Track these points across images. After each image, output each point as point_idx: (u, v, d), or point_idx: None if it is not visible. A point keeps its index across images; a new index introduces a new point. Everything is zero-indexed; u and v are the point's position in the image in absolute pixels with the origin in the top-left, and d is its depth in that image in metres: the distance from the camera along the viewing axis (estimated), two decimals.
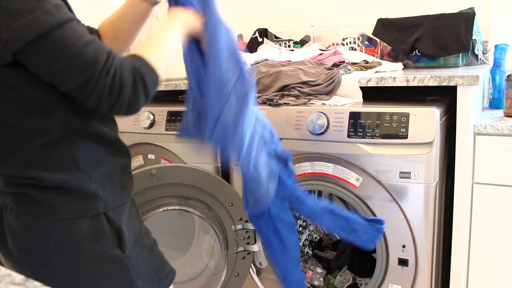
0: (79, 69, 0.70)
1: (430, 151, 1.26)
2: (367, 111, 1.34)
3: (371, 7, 2.08)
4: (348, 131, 1.35)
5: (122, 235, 0.83)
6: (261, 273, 1.63)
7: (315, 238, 1.96)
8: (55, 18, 0.70)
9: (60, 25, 0.70)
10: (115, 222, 0.83)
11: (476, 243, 1.41)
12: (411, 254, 1.34)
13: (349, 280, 1.62)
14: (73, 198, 0.80)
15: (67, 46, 0.70)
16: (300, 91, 1.49)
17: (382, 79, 1.40)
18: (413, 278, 1.35)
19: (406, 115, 1.29)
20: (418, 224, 1.31)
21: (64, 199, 0.79)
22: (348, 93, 1.46)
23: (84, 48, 0.70)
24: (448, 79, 1.30)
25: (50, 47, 0.69)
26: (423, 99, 1.45)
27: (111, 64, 0.71)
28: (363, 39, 1.95)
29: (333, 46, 1.96)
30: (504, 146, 1.34)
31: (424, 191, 1.29)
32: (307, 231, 1.93)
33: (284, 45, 2.06)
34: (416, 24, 1.71)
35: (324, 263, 1.76)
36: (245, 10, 2.40)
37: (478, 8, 1.74)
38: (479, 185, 1.38)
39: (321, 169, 1.41)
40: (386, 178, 1.32)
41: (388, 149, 1.31)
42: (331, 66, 1.55)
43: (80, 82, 0.70)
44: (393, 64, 1.69)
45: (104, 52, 0.72)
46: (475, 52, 1.73)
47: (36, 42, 0.69)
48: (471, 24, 1.63)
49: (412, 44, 1.71)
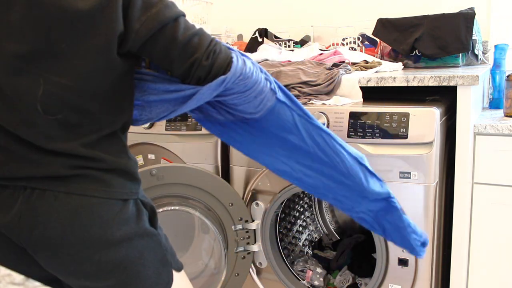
0: (186, 56, 0.83)
1: (430, 151, 1.26)
2: (367, 111, 1.34)
3: (371, 7, 2.08)
4: (348, 131, 1.35)
5: (154, 214, 0.95)
6: (261, 273, 1.63)
7: (315, 238, 1.96)
8: (173, 12, 0.81)
9: (175, 19, 0.82)
10: (147, 203, 0.94)
11: (476, 243, 1.41)
12: (411, 254, 1.34)
13: (349, 280, 1.62)
14: (127, 181, 0.89)
15: (179, 37, 0.81)
16: (300, 91, 1.48)
17: (382, 79, 1.40)
18: (413, 278, 1.35)
19: (406, 115, 1.29)
20: (418, 224, 1.31)
21: (121, 181, 0.87)
22: (348, 93, 1.46)
23: (192, 37, 0.83)
24: (448, 79, 1.30)
25: (167, 38, 0.81)
26: (423, 99, 1.45)
27: (211, 50, 0.84)
28: (363, 39, 1.95)
29: (333, 46, 1.96)
30: (504, 146, 1.34)
31: (424, 191, 1.29)
32: (307, 231, 1.93)
33: (284, 45, 2.06)
34: (416, 24, 1.71)
35: (324, 263, 1.76)
36: (245, 10, 2.40)
37: (478, 8, 1.74)
38: (479, 185, 1.38)
39: None
40: (386, 178, 1.32)
41: (388, 149, 1.31)
42: (331, 66, 1.55)
43: (186, 67, 0.84)
44: (393, 64, 1.69)
45: (208, 40, 0.85)
46: (475, 52, 1.73)
47: (158, 32, 0.80)
48: (471, 24, 1.63)
49: (412, 44, 1.71)
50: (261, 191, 1.54)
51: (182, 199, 1.44)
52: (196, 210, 1.43)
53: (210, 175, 1.48)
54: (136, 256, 0.88)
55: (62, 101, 0.80)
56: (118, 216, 0.86)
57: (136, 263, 0.88)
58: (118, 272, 0.86)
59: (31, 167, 0.82)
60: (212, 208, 1.47)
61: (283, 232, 1.76)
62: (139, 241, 0.89)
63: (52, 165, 0.82)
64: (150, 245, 0.91)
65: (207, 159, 1.64)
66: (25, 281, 0.42)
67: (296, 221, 1.86)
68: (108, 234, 0.84)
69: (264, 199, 1.54)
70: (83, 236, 0.83)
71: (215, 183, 1.47)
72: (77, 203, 0.83)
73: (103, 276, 0.86)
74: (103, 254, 0.85)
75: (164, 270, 0.94)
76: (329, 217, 2.00)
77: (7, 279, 0.42)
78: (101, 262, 0.85)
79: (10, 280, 0.42)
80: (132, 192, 0.89)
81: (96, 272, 0.85)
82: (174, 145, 1.70)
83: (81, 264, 0.84)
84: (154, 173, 1.35)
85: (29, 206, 0.81)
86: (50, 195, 0.82)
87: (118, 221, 0.86)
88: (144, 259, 0.89)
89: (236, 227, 1.51)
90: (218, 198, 1.46)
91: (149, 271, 0.90)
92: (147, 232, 0.91)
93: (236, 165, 1.58)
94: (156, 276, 0.92)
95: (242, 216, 1.52)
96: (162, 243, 0.94)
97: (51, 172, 0.82)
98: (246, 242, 1.54)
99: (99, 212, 0.84)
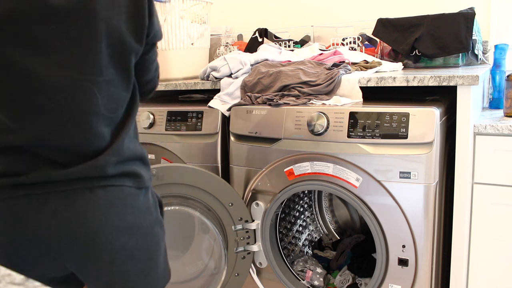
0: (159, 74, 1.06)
1: (430, 151, 1.27)
2: (367, 111, 1.34)
3: (371, 7, 2.08)
4: (348, 131, 1.35)
5: (161, 203, 1.02)
6: (261, 273, 1.63)
7: (315, 238, 1.96)
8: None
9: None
10: (156, 193, 1.01)
11: (476, 243, 1.41)
12: (411, 254, 1.34)
13: (349, 280, 1.62)
14: (147, 167, 0.96)
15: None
16: (300, 91, 1.49)
17: (382, 79, 1.40)
18: (413, 278, 1.35)
19: (406, 115, 1.29)
20: (418, 224, 1.31)
21: (144, 168, 0.94)
22: (348, 93, 1.46)
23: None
24: (448, 79, 1.30)
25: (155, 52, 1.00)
26: (423, 99, 1.45)
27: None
28: (363, 39, 1.95)
29: (333, 46, 1.96)
30: (504, 146, 1.34)
31: (424, 191, 1.29)
32: (307, 231, 1.93)
33: (284, 45, 2.06)
34: (416, 24, 1.71)
35: (324, 263, 1.76)
36: (245, 10, 2.40)
37: (478, 8, 1.74)
38: (479, 185, 1.38)
39: (321, 169, 1.41)
40: (386, 178, 1.32)
41: (388, 149, 1.31)
42: (331, 66, 1.55)
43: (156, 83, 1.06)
44: (393, 64, 1.69)
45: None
46: (475, 52, 1.73)
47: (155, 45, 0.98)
48: (471, 24, 1.63)
49: (412, 44, 1.70)
50: (261, 191, 1.54)
51: (182, 199, 1.44)
52: (196, 210, 1.43)
53: (210, 175, 1.48)
54: (155, 244, 0.95)
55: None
56: (144, 205, 0.92)
57: (155, 250, 0.95)
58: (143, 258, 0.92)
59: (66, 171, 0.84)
60: (212, 208, 1.47)
61: (283, 232, 1.76)
62: (157, 229, 0.96)
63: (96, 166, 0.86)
64: (162, 234, 0.98)
65: (207, 159, 1.64)
66: (25, 281, 0.42)
67: (296, 221, 1.86)
68: (138, 222, 0.90)
69: (264, 199, 1.54)
70: (119, 225, 0.88)
71: (215, 183, 1.47)
72: (113, 195, 0.88)
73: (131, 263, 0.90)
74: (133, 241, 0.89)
75: (166, 259, 1.01)
76: (329, 217, 2.00)
77: (7, 279, 0.42)
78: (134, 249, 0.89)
79: (10, 280, 0.42)
80: (150, 178, 0.96)
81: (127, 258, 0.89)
82: (174, 145, 1.70)
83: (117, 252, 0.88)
84: (154, 173, 1.35)
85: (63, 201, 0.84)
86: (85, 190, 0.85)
87: (144, 210, 0.92)
88: (160, 247, 0.97)
89: (236, 227, 1.51)
90: (218, 198, 1.46)
91: (161, 258, 0.97)
92: (160, 221, 0.98)
93: (236, 165, 1.58)
94: (164, 263, 0.99)
95: (242, 216, 1.52)
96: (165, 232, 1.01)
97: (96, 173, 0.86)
98: (246, 242, 1.54)
99: (130, 201, 0.89)
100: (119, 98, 0.89)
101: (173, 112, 1.71)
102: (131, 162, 0.91)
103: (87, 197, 0.85)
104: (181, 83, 1.79)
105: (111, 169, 0.86)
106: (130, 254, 0.89)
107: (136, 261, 0.91)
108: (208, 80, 1.73)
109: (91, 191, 0.85)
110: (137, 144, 0.95)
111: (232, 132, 1.58)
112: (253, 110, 1.52)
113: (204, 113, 1.65)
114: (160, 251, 0.97)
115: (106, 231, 0.86)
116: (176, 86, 1.79)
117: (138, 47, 0.90)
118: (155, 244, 0.95)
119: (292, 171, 1.46)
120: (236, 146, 1.57)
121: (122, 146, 0.89)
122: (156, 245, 0.95)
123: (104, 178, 0.86)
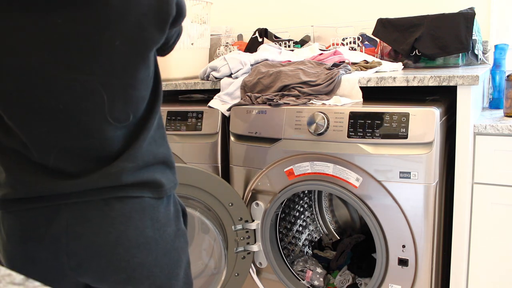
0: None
1: (430, 151, 1.26)
2: (367, 111, 1.34)
3: (371, 7, 2.08)
4: (348, 131, 1.35)
5: (185, 213, 0.93)
6: (261, 273, 1.63)
7: (315, 238, 1.96)
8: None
9: None
10: (181, 203, 0.92)
11: (476, 243, 1.41)
12: (411, 254, 1.34)
13: (349, 280, 1.62)
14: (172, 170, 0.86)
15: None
16: (300, 91, 1.49)
17: (382, 79, 1.40)
18: (413, 278, 1.35)
19: (406, 115, 1.29)
20: (418, 224, 1.31)
21: (168, 172, 0.85)
22: (348, 93, 1.46)
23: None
24: (448, 79, 1.30)
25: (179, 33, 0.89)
26: (423, 99, 1.45)
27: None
28: (363, 39, 1.95)
29: (333, 46, 1.96)
30: (504, 146, 1.34)
31: (424, 191, 1.29)
32: (307, 231, 1.93)
33: (284, 45, 2.06)
34: (416, 24, 1.71)
35: (324, 263, 1.76)
36: (245, 10, 2.40)
37: (478, 8, 1.74)
38: (479, 185, 1.38)
39: (321, 169, 1.41)
40: (386, 178, 1.32)
41: (388, 149, 1.31)
42: (331, 66, 1.55)
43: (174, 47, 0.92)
44: (393, 64, 1.69)
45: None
46: (475, 52, 1.73)
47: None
48: (471, 24, 1.63)
49: (412, 44, 1.70)
50: (261, 191, 1.54)
51: (182, 199, 1.44)
52: (196, 210, 1.43)
53: (210, 175, 1.48)
54: (176, 259, 0.86)
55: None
56: (164, 216, 0.83)
57: (176, 266, 0.86)
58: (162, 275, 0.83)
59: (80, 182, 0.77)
60: (212, 208, 1.47)
61: (283, 232, 1.76)
62: (178, 242, 0.87)
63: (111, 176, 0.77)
64: (184, 246, 0.90)
65: (207, 159, 1.64)
66: (25, 281, 0.42)
67: (296, 221, 1.86)
68: (157, 236, 0.81)
69: (264, 199, 1.54)
70: (138, 240, 0.79)
71: (215, 183, 1.47)
72: (131, 207, 0.79)
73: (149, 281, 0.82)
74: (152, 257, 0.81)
75: (189, 272, 0.93)
76: (329, 217, 2.00)
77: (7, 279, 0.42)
78: (152, 266, 0.81)
79: (10, 280, 0.42)
80: (174, 185, 0.86)
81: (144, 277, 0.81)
82: (174, 145, 1.70)
83: (134, 270, 0.80)
84: None
85: (75, 214, 0.77)
86: (99, 202, 0.77)
87: (165, 222, 0.83)
88: (180, 262, 0.88)
89: (236, 227, 1.51)
90: (218, 198, 1.46)
91: (182, 273, 0.89)
92: (183, 233, 0.89)
93: (236, 165, 1.58)
94: (186, 277, 0.91)
95: (242, 216, 1.52)
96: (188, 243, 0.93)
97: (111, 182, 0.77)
98: (246, 242, 1.54)
99: (150, 213, 0.81)
100: (137, 100, 0.79)
101: (173, 112, 1.71)
102: (152, 168, 0.81)
103: (101, 210, 0.77)
104: (181, 83, 1.78)
105: (127, 176, 0.77)
106: (149, 272, 0.81)
107: (155, 278, 0.83)
108: (208, 80, 1.73)
109: (106, 203, 0.77)
110: (161, 146, 0.85)
111: (232, 132, 1.58)
112: (253, 110, 1.52)
113: (204, 113, 1.65)
114: (181, 267, 0.88)
115: (122, 248, 0.78)
116: (176, 86, 1.79)
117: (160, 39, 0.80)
118: (176, 260, 0.87)
119: (292, 171, 1.46)
120: (236, 146, 1.57)
121: (140, 150, 0.79)
122: (177, 260, 0.87)
123: (120, 188, 0.78)
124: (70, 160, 0.77)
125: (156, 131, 0.84)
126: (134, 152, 0.78)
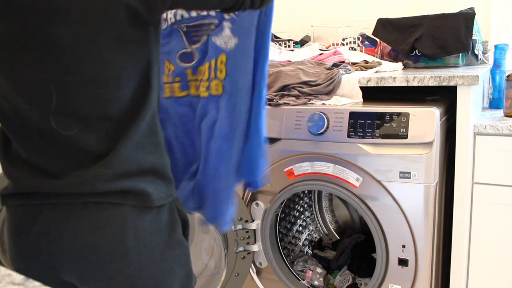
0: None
1: (430, 151, 1.27)
2: (367, 111, 1.34)
3: (371, 7, 2.08)
4: (348, 131, 1.35)
5: (186, 224, 0.87)
6: (261, 273, 1.63)
7: (315, 238, 1.96)
8: None
9: None
10: (182, 213, 0.86)
11: (476, 243, 1.41)
12: (411, 254, 1.34)
13: (349, 280, 1.62)
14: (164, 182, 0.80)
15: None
16: (300, 91, 1.49)
17: (382, 79, 1.40)
18: (413, 278, 1.35)
19: (406, 115, 1.29)
20: (418, 224, 1.31)
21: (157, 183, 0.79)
22: (348, 93, 1.46)
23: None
24: (448, 79, 1.30)
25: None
26: (423, 99, 1.45)
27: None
28: (363, 39, 1.95)
29: (333, 46, 1.96)
30: (504, 146, 1.34)
31: (424, 191, 1.29)
32: (307, 231, 1.93)
33: (284, 45, 2.06)
34: (416, 24, 1.71)
35: (324, 263, 1.76)
36: None
37: (478, 8, 1.74)
38: (479, 185, 1.38)
39: (321, 169, 1.41)
40: (386, 178, 1.32)
41: (388, 149, 1.31)
42: (331, 66, 1.55)
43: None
44: (393, 64, 1.69)
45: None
46: (475, 52, 1.73)
47: None
48: (471, 24, 1.63)
49: (412, 44, 1.71)
50: (261, 191, 1.54)
51: None
52: None
53: None
54: (166, 270, 0.82)
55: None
56: (152, 226, 0.79)
57: (166, 277, 0.82)
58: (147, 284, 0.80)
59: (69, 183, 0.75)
60: None
61: (283, 232, 1.76)
62: (170, 254, 0.82)
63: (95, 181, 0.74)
64: (180, 258, 0.85)
65: None
66: (25, 281, 0.42)
67: (296, 221, 1.86)
68: (141, 246, 0.77)
69: (264, 199, 1.54)
70: (115, 248, 0.76)
71: None
72: (109, 213, 0.76)
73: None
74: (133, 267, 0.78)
75: (189, 284, 0.88)
76: (329, 217, 2.00)
77: (7, 279, 0.42)
78: (134, 276, 0.78)
79: (10, 280, 0.42)
80: (167, 195, 0.80)
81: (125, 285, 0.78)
82: None
83: (111, 278, 0.77)
84: None
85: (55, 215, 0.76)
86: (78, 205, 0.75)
87: (152, 232, 0.79)
88: (173, 273, 0.83)
89: (236, 227, 1.51)
90: None
91: (175, 285, 0.84)
92: (179, 244, 0.84)
93: None
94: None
95: (242, 216, 1.52)
96: (189, 254, 0.89)
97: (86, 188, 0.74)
98: (246, 242, 1.54)
99: (131, 222, 0.76)
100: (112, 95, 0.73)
101: None
102: (136, 177, 0.76)
103: (80, 214, 0.75)
104: None
105: (103, 184, 0.73)
106: (130, 282, 0.78)
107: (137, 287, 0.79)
108: None
109: (84, 208, 0.75)
110: (152, 154, 0.78)
111: None
112: None
113: None
114: (173, 279, 0.83)
115: (95, 256, 0.76)
116: None
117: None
118: (166, 271, 0.82)
119: (292, 171, 1.46)
120: None
121: (118, 156, 0.73)
122: (167, 271, 0.82)
123: (98, 194, 0.74)
124: (50, 159, 0.76)
125: (145, 137, 0.77)
126: (110, 158, 0.73)
